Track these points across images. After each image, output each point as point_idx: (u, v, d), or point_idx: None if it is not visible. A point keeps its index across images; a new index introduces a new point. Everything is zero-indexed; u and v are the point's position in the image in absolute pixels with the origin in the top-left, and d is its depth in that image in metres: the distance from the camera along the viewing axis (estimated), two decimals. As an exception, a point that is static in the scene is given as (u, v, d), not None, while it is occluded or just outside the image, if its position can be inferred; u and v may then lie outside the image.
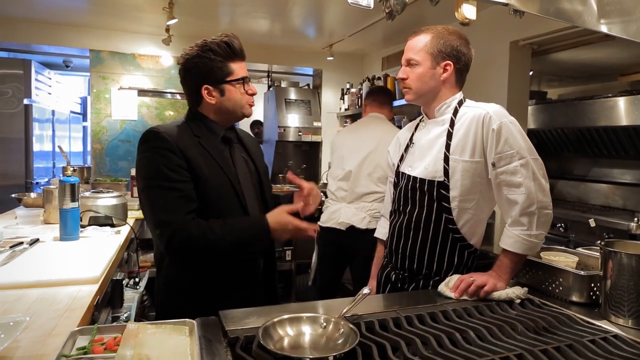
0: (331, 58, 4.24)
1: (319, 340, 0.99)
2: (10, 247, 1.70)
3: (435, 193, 1.43)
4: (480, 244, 1.50)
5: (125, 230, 2.21)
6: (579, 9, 1.24)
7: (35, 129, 4.21)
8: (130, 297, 2.19)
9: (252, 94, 1.42)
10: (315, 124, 4.49)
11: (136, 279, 2.48)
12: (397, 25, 2.30)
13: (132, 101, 4.07)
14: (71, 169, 2.02)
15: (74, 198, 1.91)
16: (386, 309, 1.19)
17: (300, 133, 4.40)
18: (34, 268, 1.50)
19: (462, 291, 1.28)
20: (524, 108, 2.95)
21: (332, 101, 4.76)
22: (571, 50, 2.85)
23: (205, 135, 1.38)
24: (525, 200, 1.31)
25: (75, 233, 1.93)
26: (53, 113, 4.87)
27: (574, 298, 1.27)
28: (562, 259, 1.42)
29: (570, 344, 0.97)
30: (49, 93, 4.78)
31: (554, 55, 3.08)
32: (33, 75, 4.18)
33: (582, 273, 1.27)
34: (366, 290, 1.14)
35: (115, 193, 2.38)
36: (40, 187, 3.95)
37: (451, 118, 1.45)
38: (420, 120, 1.60)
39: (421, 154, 1.50)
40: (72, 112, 5.83)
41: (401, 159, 1.60)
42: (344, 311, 1.07)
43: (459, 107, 1.46)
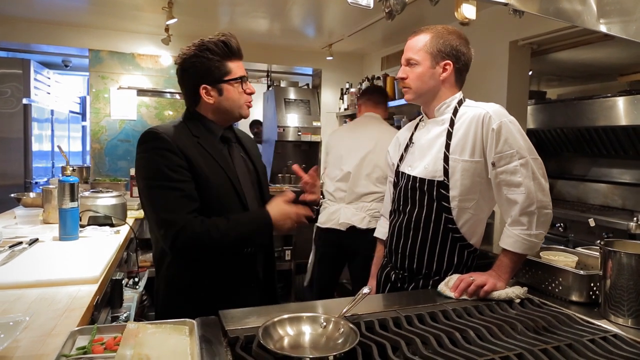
0: (330, 58, 4.23)
1: (319, 339, 0.99)
2: (9, 247, 1.70)
3: (435, 193, 1.43)
4: (480, 244, 1.50)
5: (124, 230, 2.21)
6: (579, 9, 1.24)
7: (34, 129, 4.21)
8: (129, 297, 2.18)
9: (250, 93, 1.42)
10: (314, 124, 4.48)
11: (135, 279, 2.47)
12: (397, 25, 2.30)
13: (131, 101, 4.06)
14: (70, 169, 2.02)
15: (73, 198, 1.91)
16: (386, 309, 1.19)
17: (299, 133, 4.40)
18: (34, 268, 1.50)
19: (462, 291, 1.28)
20: (524, 108, 2.95)
21: (332, 101, 4.75)
22: (570, 50, 2.85)
23: (203, 135, 1.38)
24: (525, 199, 1.31)
25: (74, 233, 1.93)
26: (52, 113, 4.86)
27: (574, 298, 1.28)
28: (562, 259, 1.43)
29: (570, 344, 0.97)
30: (48, 93, 4.77)
31: (554, 55, 3.08)
32: (32, 74, 4.18)
33: (582, 273, 1.27)
34: (366, 290, 1.14)
35: (114, 193, 2.38)
36: (39, 187, 3.95)
37: (451, 118, 1.45)
38: (420, 119, 1.60)
39: (421, 154, 1.50)
40: (71, 112, 5.83)
41: (401, 159, 1.60)
42: (344, 311, 1.07)
43: (459, 107, 1.46)
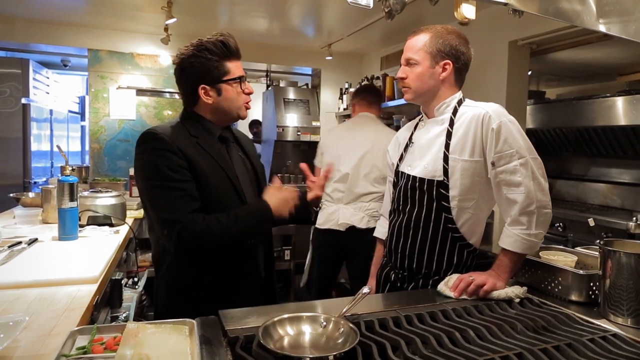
0: (330, 58, 4.23)
1: (319, 339, 0.99)
2: (8, 247, 1.69)
3: (434, 192, 1.43)
4: (479, 243, 1.50)
5: (124, 229, 2.21)
6: (578, 9, 1.24)
7: (33, 129, 4.20)
8: (129, 297, 2.18)
9: (249, 93, 1.42)
10: (314, 124, 4.48)
11: (135, 279, 2.47)
12: (396, 24, 2.29)
13: (131, 101, 4.05)
14: (69, 169, 2.01)
15: (73, 198, 1.91)
16: (386, 309, 1.19)
17: (299, 133, 4.39)
18: (33, 268, 1.49)
19: (462, 290, 1.28)
20: (523, 108, 2.95)
21: (331, 101, 4.75)
22: (570, 50, 2.85)
23: (202, 135, 1.38)
24: (524, 199, 1.31)
25: (73, 233, 1.93)
26: (51, 112, 4.86)
27: (573, 297, 1.28)
28: (561, 258, 1.43)
29: (569, 343, 0.97)
30: (47, 92, 4.77)
31: (553, 55, 3.08)
32: (31, 74, 4.17)
33: (581, 272, 1.27)
34: (366, 289, 1.14)
35: (113, 193, 2.38)
36: (38, 187, 3.94)
37: (450, 117, 1.45)
38: (419, 119, 1.60)
39: (420, 154, 1.50)
40: (70, 112, 5.82)
41: (400, 159, 1.60)
42: (344, 310, 1.07)
43: (459, 107, 1.46)
